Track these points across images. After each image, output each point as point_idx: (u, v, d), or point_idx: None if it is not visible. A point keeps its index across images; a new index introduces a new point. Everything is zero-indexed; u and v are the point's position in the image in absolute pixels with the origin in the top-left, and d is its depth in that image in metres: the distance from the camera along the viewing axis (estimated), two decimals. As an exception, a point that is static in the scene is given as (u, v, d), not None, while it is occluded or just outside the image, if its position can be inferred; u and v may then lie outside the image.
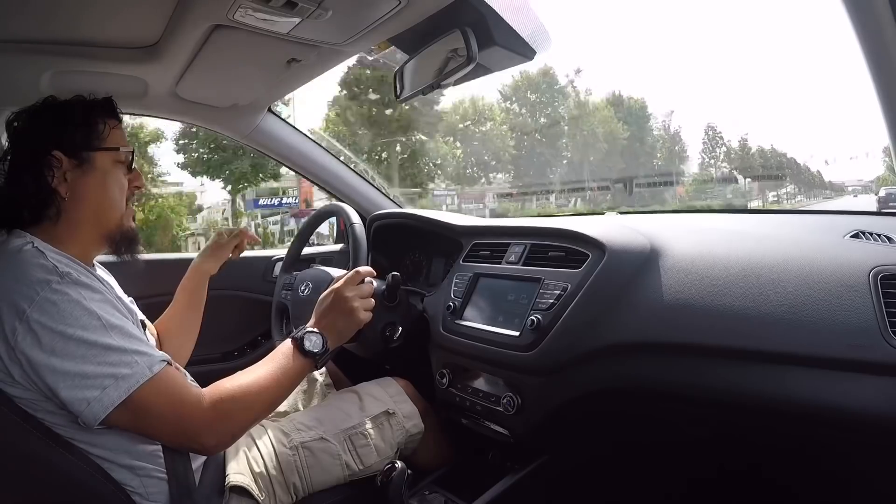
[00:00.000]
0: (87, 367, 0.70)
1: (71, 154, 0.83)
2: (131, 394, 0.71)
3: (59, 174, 0.82)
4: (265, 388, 0.82)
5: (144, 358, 0.73)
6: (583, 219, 1.19)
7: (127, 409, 0.71)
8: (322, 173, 1.62)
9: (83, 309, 0.72)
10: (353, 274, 0.97)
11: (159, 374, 0.74)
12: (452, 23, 0.88)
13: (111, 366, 0.71)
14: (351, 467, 0.99)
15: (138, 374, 0.72)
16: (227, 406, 0.78)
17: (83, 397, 0.69)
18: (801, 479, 0.96)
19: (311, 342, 0.88)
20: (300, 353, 0.87)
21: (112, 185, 0.86)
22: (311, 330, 0.89)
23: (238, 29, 0.90)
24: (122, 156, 0.88)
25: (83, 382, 0.70)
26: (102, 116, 0.87)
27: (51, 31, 0.96)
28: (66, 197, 0.82)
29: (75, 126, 0.84)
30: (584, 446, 1.05)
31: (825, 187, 32.01)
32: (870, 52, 0.55)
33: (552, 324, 0.92)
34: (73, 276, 0.74)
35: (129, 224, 0.90)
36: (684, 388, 0.84)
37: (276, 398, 0.85)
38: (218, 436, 0.79)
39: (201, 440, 0.78)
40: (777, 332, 0.75)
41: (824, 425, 0.74)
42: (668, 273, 0.88)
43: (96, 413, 0.70)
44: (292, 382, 0.87)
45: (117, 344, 0.72)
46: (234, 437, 0.82)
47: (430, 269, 1.48)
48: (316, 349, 0.87)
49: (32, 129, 0.84)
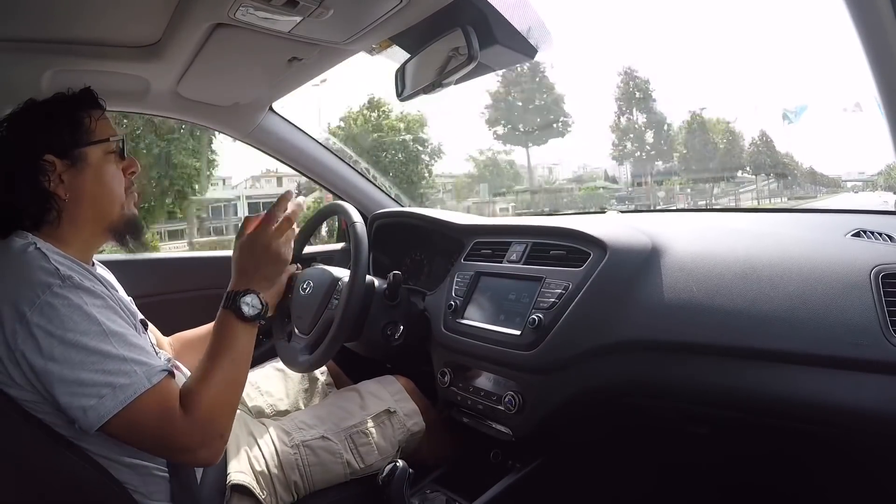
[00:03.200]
0: (84, 375, 0.69)
1: (62, 155, 0.81)
2: (127, 405, 0.70)
3: (55, 177, 0.81)
4: (231, 376, 0.80)
5: (143, 368, 0.72)
6: (584, 217, 1.19)
7: (122, 420, 0.70)
8: (323, 172, 1.62)
9: (84, 314, 0.71)
10: (266, 216, 0.92)
11: (158, 386, 0.72)
12: (454, 21, 0.88)
13: (109, 374, 0.70)
14: (352, 466, 0.99)
15: (136, 384, 0.71)
16: (207, 412, 0.75)
17: (80, 405, 0.69)
18: (802, 479, 0.96)
19: (248, 305, 0.84)
20: (242, 321, 0.84)
21: (108, 177, 0.85)
22: (241, 291, 0.86)
23: (239, 27, 0.90)
24: (113, 145, 0.87)
25: (80, 390, 0.69)
26: (86, 110, 0.85)
27: (51, 31, 0.96)
28: (66, 198, 0.81)
29: (62, 125, 0.83)
30: (586, 445, 1.05)
31: (816, 182, 28.10)
32: (871, 51, 0.55)
33: (553, 323, 0.92)
34: (76, 279, 0.73)
35: (130, 212, 0.89)
36: (685, 387, 0.84)
37: (242, 380, 0.83)
38: (211, 446, 0.76)
39: (197, 454, 0.76)
40: (778, 331, 0.75)
41: (825, 424, 0.75)
42: (670, 272, 0.88)
43: (92, 422, 0.69)
44: (248, 353, 0.85)
45: (116, 352, 0.71)
46: (224, 440, 0.79)
47: (431, 268, 1.48)
48: (256, 310, 0.85)
49: (20, 136, 0.82)
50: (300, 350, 1.13)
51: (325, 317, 1.12)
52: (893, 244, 0.91)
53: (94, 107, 0.87)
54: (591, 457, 1.07)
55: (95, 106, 0.87)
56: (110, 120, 0.89)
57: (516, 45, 0.94)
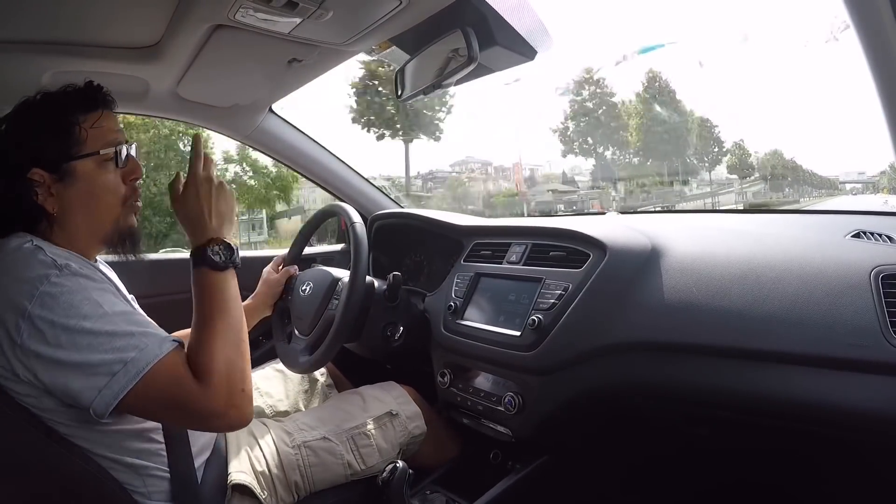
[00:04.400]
0: (94, 357, 0.68)
1: (50, 169, 0.77)
2: (143, 376, 0.68)
3: (44, 190, 0.77)
4: (231, 330, 0.76)
5: (152, 339, 0.71)
6: (584, 218, 1.19)
7: (139, 393, 0.68)
8: (323, 173, 1.62)
9: (84, 298, 0.70)
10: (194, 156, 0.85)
11: (171, 354, 0.71)
12: (453, 23, 0.88)
13: (118, 351, 0.68)
14: (353, 467, 0.99)
15: (148, 355, 0.69)
16: (222, 374, 0.72)
17: (93, 385, 0.67)
18: (802, 479, 0.96)
19: (219, 254, 0.79)
20: (219, 271, 0.79)
21: (100, 191, 0.80)
22: (204, 244, 0.80)
23: (239, 29, 0.90)
24: (108, 155, 0.81)
25: (91, 370, 0.67)
26: (78, 115, 0.79)
27: (51, 32, 0.96)
28: (54, 212, 0.78)
29: (49, 136, 0.78)
30: (586, 446, 1.05)
31: (813, 184, 25.62)
32: (871, 51, 0.55)
33: (553, 324, 0.93)
34: (73, 266, 0.72)
35: (126, 223, 0.84)
36: (685, 388, 0.84)
37: (242, 331, 0.79)
38: (239, 405, 0.73)
39: (227, 416, 0.72)
40: (778, 332, 0.75)
41: (825, 425, 0.75)
42: (669, 273, 0.89)
43: (108, 400, 0.68)
44: (238, 302, 0.81)
45: (122, 329, 0.70)
46: (249, 396, 0.75)
47: (431, 269, 1.48)
48: (227, 254, 0.80)
49: (6, 148, 0.78)
50: (300, 351, 1.14)
51: (325, 318, 1.12)
52: (893, 245, 0.91)
53: (92, 108, 0.81)
54: (590, 457, 1.07)
55: (91, 108, 0.81)
56: (111, 121, 0.83)
57: (516, 46, 0.94)
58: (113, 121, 0.84)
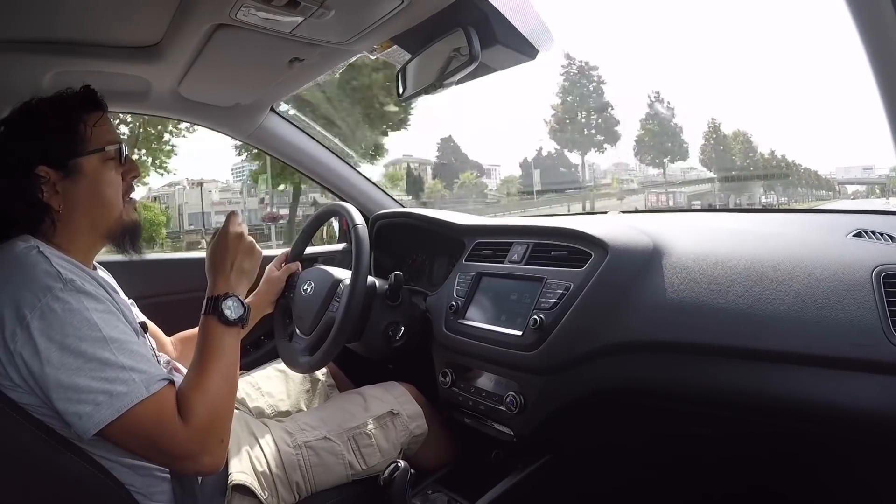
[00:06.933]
0: (81, 381, 0.68)
1: (57, 166, 0.79)
2: (125, 412, 0.68)
3: (49, 188, 0.79)
4: (224, 382, 0.78)
5: (142, 376, 0.70)
6: (585, 218, 1.19)
7: (119, 428, 0.68)
8: (325, 172, 1.62)
9: (84, 319, 0.70)
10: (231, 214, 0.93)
11: (156, 395, 0.71)
12: (455, 22, 0.88)
13: (106, 381, 0.68)
14: (354, 467, 0.99)
15: (134, 392, 0.69)
16: (205, 419, 0.74)
17: (75, 411, 0.67)
18: (804, 478, 0.96)
19: (230, 308, 0.83)
20: (226, 326, 0.82)
21: (105, 187, 0.83)
22: (220, 296, 0.84)
23: (240, 28, 0.90)
24: (112, 151, 0.84)
25: (76, 396, 0.67)
26: (82, 114, 0.82)
27: (52, 32, 0.96)
28: (60, 210, 0.79)
29: (56, 134, 0.80)
30: (587, 445, 1.05)
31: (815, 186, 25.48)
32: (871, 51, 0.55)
33: (555, 323, 0.92)
34: (77, 283, 0.72)
35: (129, 218, 0.87)
36: (687, 388, 0.84)
37: (234, 383, 0.82)
38: (214, 452, 0.75)
39: (200, 461, 0.74)
40: (780, 332, 0.75)
41: (826, 424, 0.75)
42: (671, 272, 0.88)
43: (88, 428, 0.68)
44: (236, 356, 0.83)
45: (115, 359, 0.69)
46: (225, 446, 0.78)
47: (432, 269, 1.48)
48: (238, 313, 0.83)
49: (13, 146, 0.80)
50: (301, 351, 1.14)
51: (327, 318, 1.12)
52: (895, 244, 0.91)
53: (93, 109, 0.84)
54: (592, 457, 1.07)
55: (93, 108, 0.84)
56: (109, 122, 0.86)
57: (518, 45, 0.93)
58: (110, 122, 0.88)
